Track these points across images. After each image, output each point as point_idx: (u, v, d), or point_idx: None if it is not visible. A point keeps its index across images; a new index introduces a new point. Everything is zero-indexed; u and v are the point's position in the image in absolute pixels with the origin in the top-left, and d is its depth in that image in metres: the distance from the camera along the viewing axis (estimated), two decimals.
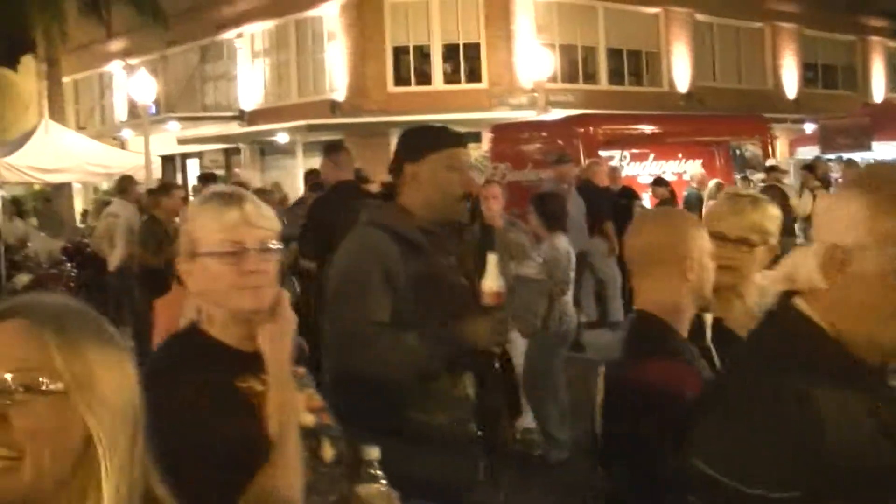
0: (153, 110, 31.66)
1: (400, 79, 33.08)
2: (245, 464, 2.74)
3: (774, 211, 4.22)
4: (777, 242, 4.13)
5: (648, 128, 23.20)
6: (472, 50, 32.83)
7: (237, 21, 36.95)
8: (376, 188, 13.93)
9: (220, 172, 34.44)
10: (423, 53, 33.29)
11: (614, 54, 36.53)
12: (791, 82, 41.52)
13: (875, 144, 25.10)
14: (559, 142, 20.58)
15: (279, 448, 2.79)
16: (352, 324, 4.39)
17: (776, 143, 25.62)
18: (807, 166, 21.44)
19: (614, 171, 19.04)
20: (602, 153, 19.91)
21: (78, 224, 29.67)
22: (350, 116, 31.94)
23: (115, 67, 43.88)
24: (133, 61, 40.80)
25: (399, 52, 33.19)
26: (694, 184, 20.64)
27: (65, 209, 29.46)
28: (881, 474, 2.36)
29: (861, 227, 2.38)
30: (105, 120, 45.05)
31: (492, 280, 4.45)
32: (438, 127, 4.90)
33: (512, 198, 11.44)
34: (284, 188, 20.68)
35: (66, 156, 25.37)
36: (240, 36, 37.26)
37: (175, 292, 5.91)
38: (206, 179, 16.35)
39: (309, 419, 3.01)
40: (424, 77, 33.18)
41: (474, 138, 30.08)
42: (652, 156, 21.89)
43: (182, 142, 36.61)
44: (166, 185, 15.69)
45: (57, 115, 31.07)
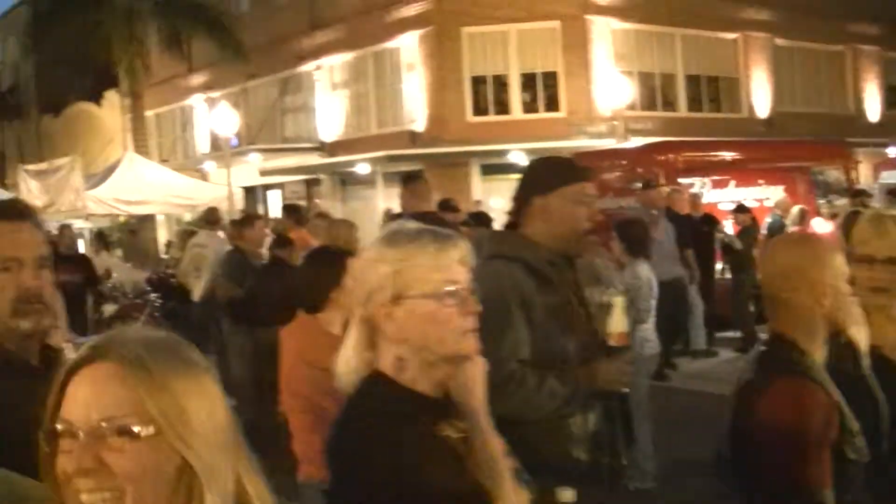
0: (234, 142, 32.02)
1: (478, 108, 33.10)
2: None
3: None
4: None
5: (729, 154, 23.01)
6: (550, 79, 32.79)
7: (316, 53, 37.22)
8: (462, 217, 13.98)
9: (302, 203, 34.72)
10: (501, 83, 33.28)
11: (693, 81, 36.31)
12: (873, 105, 41.03)
13: None
14: (639, 169, 20.51)
15: (500, 499, 2.73)
16: (497, 364, 4.08)
17: (859, 168, 25.34)
18: (892, 191, 21.21)
19: (695, 199, 18.94)
20: (682, 180, 19.80)
21: (161, 255, 30.03)
22: (429, 146, 32.01)
23: (197, 101, 44.36)
24: (214, 94, 41.26)
25: (477, 82, 33.20)
26: (777, 210, 20.50)
27: (149, 240, 29.87)
28: None
29: None
30: (187, 152, 45.47)
31: (618, 321, 4.49)
32: (567, 160, 4.92)
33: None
34: (364, 219, 20.78)
35: (150, 188, 25.73)
36: (319, 68, 37.51)
37: (301, 322, 6.02)
38: (291, 211, 16.45)
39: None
40: (503, 106, 33.19)
41: None
42: (733, 182, 21.74)
43: (263, 173, 36.89)
44: (249, 217, 15.76)
45: (140, 148, 31.56)
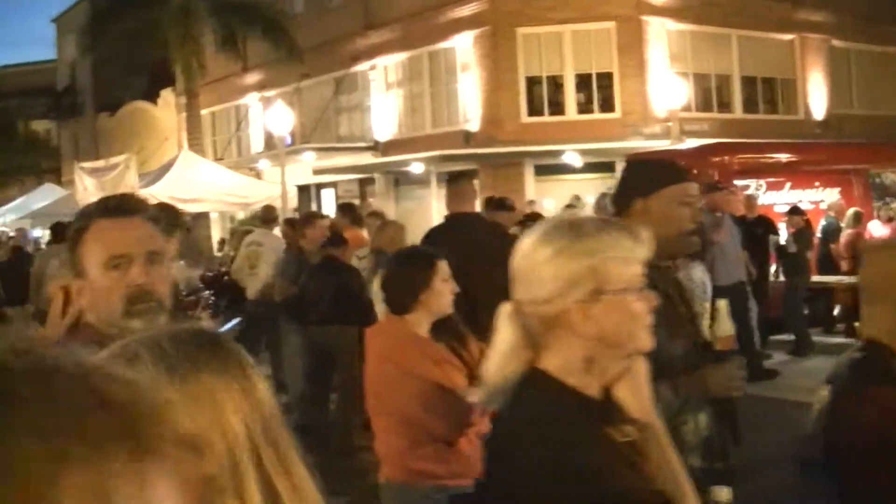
0: (289, 141, 32.13)
1: (533, 109, 33.06)
2: None
3: None
4: None
5: (784, 156, 22.85)
6: (605, 79, 32.70)
7: (370, 53, 37.31)
8: (518, 216, 13.97)
9: (355, 202, 34.81)
10: (557, 83, 33.21)
11: (748, 82, 36.08)
12: None
13: None
14: (694, 171, 20.41)
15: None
16: None
17: None
18: None
19: (750, 201, 18.82)
20: (737, 182, 19.70)
21: (215, 253, 30.19)
22: (483, 147, 32.01)
23: (252, 100, 44.56)
24: (269, 93, 41.41)
25: (532, 83, 33.16)
26: (832, 212, 20.36)
27: (202, 238, 29.99)
28: None
29: None
30: (241, 151, 45.67)
31: (724, 325, 4.46)
32: (668, 161, 4.84)
33: None
34: (418, 219, 20.79)
35: (204, 186, 25.89)
36: (373, 68, 37.59)
37: (388, 322, 5.95)
38: (347, 209, 16.47)
39: None
40: (557, 107, 33.13)
41: (608, 168, 29.99)
42: (788, 184, 21.58)
43: (317, 172, 37.00)
44: (310, 216, 15.69)
45: (195, 147, 31.74)
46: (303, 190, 40.28)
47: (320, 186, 41.03)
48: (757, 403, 12.26)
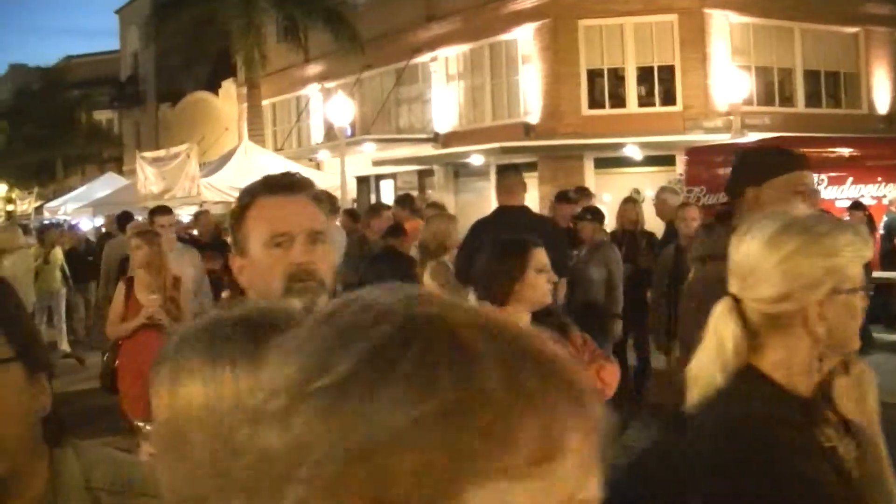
0: (349, 132, 32.23)
1: (594, 101, 32.95)
2: None
3: None
4: None
5: (846, 150, 22.65)
6: (667, 72, 32.56)
7: (432, 45, 37.32)
8: (575, 209, 13.93)
9: (414, 193, 34.86)
10: (618, 76, 33.13)
11: (811, 76, 35.75)
12: None
13: None
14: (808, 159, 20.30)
15: None
16: None
17: None
18: None
19: (812, 195, 18.67)
20: None
21: None
22: (544, 139, 31.97)
23: (312, 91, 44.67)
24: (329, 85, 41.52)
25: (593, 75, 33.06)
26: (893, 208, 20.17)
27: None
28: None
29: None
30: (301, 142, 45.83)
31: None
32: (782, 149, 4.74)
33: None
34: (477, 211, 20.74)
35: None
36: (434, 59, 37.60)
37: None
38: (406, 200, 16.48)
39: None
40: (618, 100, 33.02)
41: (668, 161, 29.90)
42: (850, 179, 21.36)
43: (377, 163, 37.08)
44: (377, 206, 15.86)
45: (255, 137, 31.90)
46: (362, 181, 40.38)
47: (379, 178, 41.11)
48: None
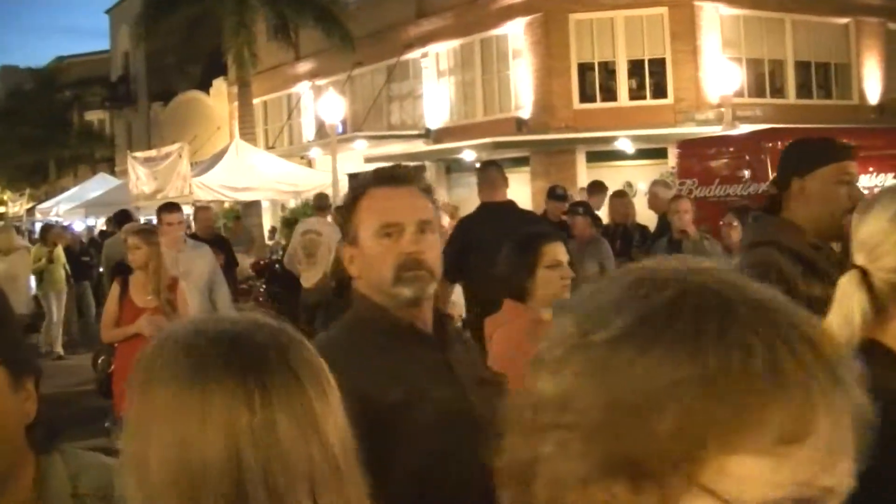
0: (340, 129, 32.21)
1: (585, 95, 32.91)
2: None
3: None
4: None
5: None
6: (658, 65, 32.52)
7: (423, 41, 37.26)
8: (564, 207, 13.90)
9: None
10: (609, 70, 33.10)
11: (802, 67, 35.70)
12: None
13: None
14: (747, 157, 20.30)
15: None
16: None
17: None
18: None
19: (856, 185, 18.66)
20: None
21: (266, 241, 30.32)
22: (536, 133, 31.96)
23: (303, 88, 44.65)
24: (321, 82, 41.53)
25: (584, 69, 33.01)
26: None
27: (254, 226, 30.12)
28: None
29: None
30: (293, 139, 45.78)
31: None
32: (826, 139, 4.72)
33: (699, 214, 11.20)
34: (469, 206, 20.70)
35: (256, 174, 25.95)
36: (425, 55, 37.55)
37: (508, 311, 5.66)
38: None
39: None
40: (610, 93, 32.99)
41: (660, 154, 29.87)
42: None
43: (369, 160, 36.97)
44: None
45: (247, 136, 31.85)
46: (354, 178, 40.26)
47: None
48: None
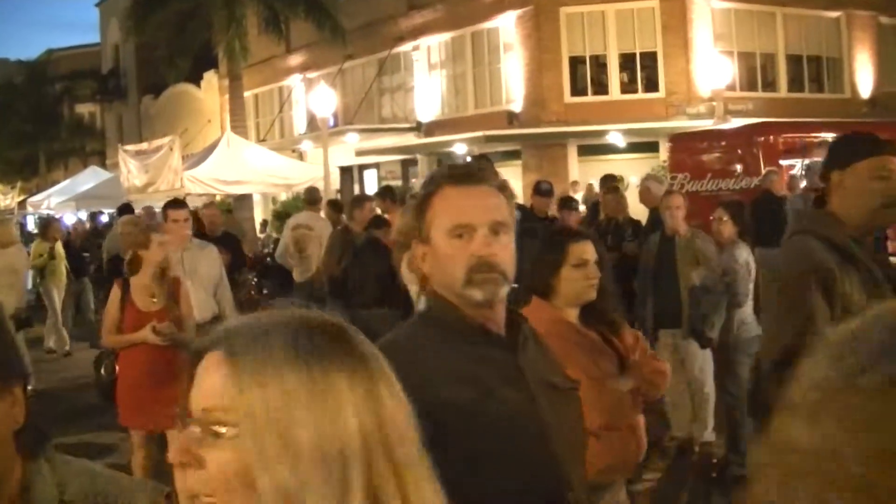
0: (332, 123, 32.16)
1: (577, 89, 32.95)
2: None
3: None
4: None
5: (830, 135, 22.58)
6: (649, 59, 32.55)
7: (414, 34, 37.28)
8: (550, 202, 13.88)
9: (398, 183, 34.81)
10: (600, 63, 33.11)
11: (794, 61, 35.77)
12: None
13: None
14: (738, 151, 20.32)
15: None
16: (794, 336, 4.19)
17: None
18: None
19: (792, 180, 18.69)
20: (783, 162, 19.57)
21: (258, 234, 30.29)
22: (527, 127, 31.98)
23: (295, 81, 44.65)
24: (312, 75, 41.53)
25: (576, 62, 33.04)
26: None
27: (245, 220, 30.08)
28: None
29: None
30: (284, 133, 45.80)
31: None
32: (867, 134, 4.79)
33: (691, 208, 11.17)
34: None
35: (247, 168, 25.91)
36: (417, 48, 37.57)
37: (534, 307, 5.26)
38: (386, 192, 16.36)
39: None
40: (601, 87, 33.01)
41: (652, 148, 29.88)
42: None
43: (360, 153, 37.05)
44: (360, 198, 15.77)
45: (238, 129, 31.75)
46: (345, 171, 40.34)
47: (363, 168, 41.12)
48: None
